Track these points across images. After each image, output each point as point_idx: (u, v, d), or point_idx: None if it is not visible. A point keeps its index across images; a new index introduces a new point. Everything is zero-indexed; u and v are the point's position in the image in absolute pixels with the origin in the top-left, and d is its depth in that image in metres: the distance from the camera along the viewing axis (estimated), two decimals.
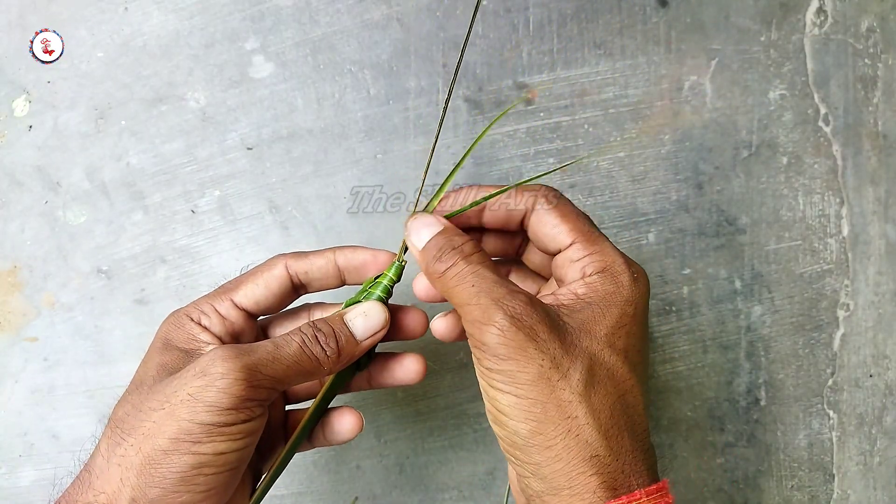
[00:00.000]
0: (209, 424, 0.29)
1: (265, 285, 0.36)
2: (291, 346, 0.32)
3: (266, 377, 0.30)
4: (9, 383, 0.52)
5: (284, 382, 0.32)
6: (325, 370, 0.33)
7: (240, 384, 0.29)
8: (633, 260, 0.34)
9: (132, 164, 0.53)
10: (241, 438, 0.30)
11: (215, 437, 0.29)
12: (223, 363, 0.30)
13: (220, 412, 0.29)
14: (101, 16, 0.52)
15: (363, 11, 0.53)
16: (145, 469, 0.29)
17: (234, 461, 0.30)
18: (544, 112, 0.54)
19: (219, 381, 0.29)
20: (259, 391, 0.30)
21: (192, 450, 0.29)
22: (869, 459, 0.55)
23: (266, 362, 0.31)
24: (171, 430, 0.29)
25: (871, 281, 0.55)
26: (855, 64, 0.55)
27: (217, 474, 0.29)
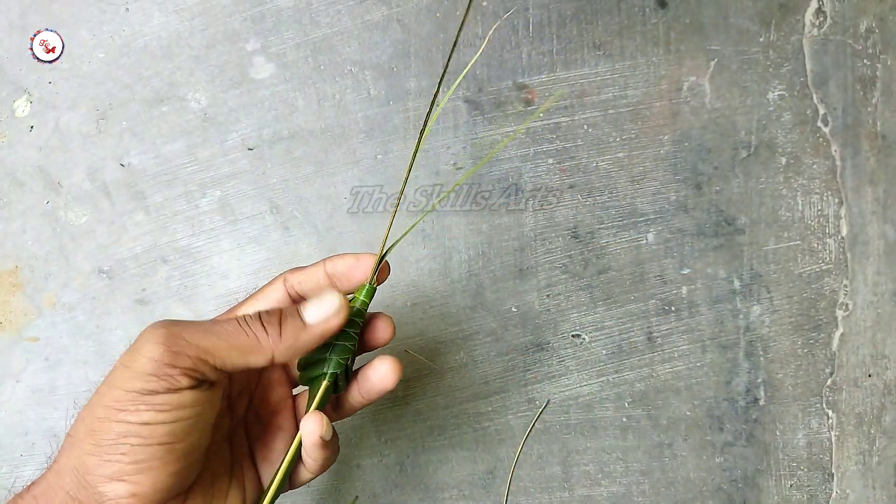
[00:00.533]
0: (134, 392, 0.29)
1: (264, 299, 0.37)
2: (230, 322, 0.32)
3: (191, 345, 0.30)
4: (10, 383, 0.52)
5: (216, 355, 0.31)
6: (265, 348, 0.32)
7: (160, 348, 0.30)
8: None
9: (133, 164, 0.53)
10: (168, 411, 0.29)
11: (139, 406, 0.29)
12: (149, 330, 0.30)
13: (143, 377, 0.29)
14: (101, 16, 0.53)
15: (364, 12, 0.53)
16: (86, 437, 0.30)
17: (163, 435, 0.29)
18: (544, 112, 0.54)
19: (143, 345, 0.30)
20: (182, 358, 0.30)
21: (119, 417, 0.29)
22: (868, 459, 0.55)
23: (195, 332, 0.31)
24: (106, 398, 0.30)
25: (870, 281, 0.55)
26: (854, 64, 0.55)
27: (143, 446, 0.29)
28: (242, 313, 0.35)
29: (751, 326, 0.55)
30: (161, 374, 0.29)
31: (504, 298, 0.54)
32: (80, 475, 0.30)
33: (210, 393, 0.32)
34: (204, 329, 0.31)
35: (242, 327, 0.32)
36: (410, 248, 0.53)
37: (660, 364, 0.54)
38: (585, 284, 0.54)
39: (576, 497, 0.54)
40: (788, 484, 0.55)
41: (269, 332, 0.32)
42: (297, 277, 0.37)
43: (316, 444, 0.34)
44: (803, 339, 0.55)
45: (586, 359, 0.54)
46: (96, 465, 0.29)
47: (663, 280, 0.54)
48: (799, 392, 0.55)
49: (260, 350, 0.32)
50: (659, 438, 0.54)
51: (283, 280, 0.37)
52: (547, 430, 0.54)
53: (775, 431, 0.55)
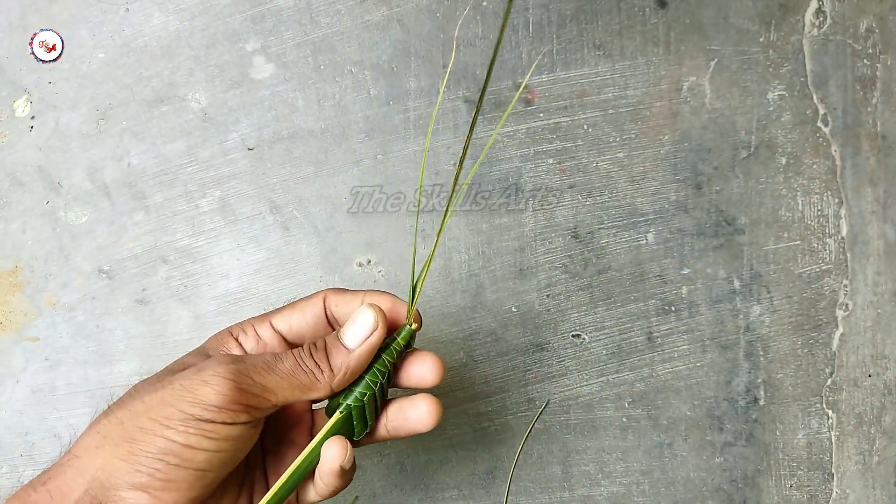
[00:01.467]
0: (189, 415, 0.30)
1: (301, 312, 0.37)
2: (288, 359, 0.33)
3: (256, 384, 0.31)
4: (10, 383, 0.52)
5: (278, 394, 0.32)
6: (322, 384, 0.33)
7: (228, 384, 0.30)
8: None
9: (133, 164, 0.53)
10: (216, 440, 0.30)
11: (190, 429, 0.30)
12: (219, 364, 0.31)
13: (205, 407, 0.30)
14: (101, 16, 0.53)
15: (364, 12, 0.53)
16: (121, 442, 0.30)
17: (202, 462, 0.30)
18: (544, 112, 0.54)
19: (210, 376, 0.30)
20: (247, 396, 0.31)
21: (165, 434, 0.30)
22: (868, 459, 0.55)
23: (259, 370, 0.32)
24: (154, 412, 0.30)
25: (870, 281, 0.55)
26: (854, 64, 0.55)
27: (179, 467, 0.30)
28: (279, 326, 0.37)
29: (751, 326, 0.55)
30: (226, 407, 0.30)
31: (504, 298, 0.54)
32: (106, 476, 0.30)
33: (256, 429, 0.32)
34: (267, 367, 0.32)
35: (300, 365, 0.33)
36: (410, 248, 0.53)
37: (660, 364, 0.54)
38: (585, 284, 0.54)
39: (576, 497, 0.54)
40: (788, 484, 0.55)
41: (322, 368, 0.33)
42: (336, 300, 0.37)
43: (334, 472, 0.34)
44: (803, 339, 0.55)
45: (586, 359, 0.54)
46: (126, 471, 0.29)
47: (663, 280, 0.54)
48: (799, 392, 0.55)
49: (318, 387, 0.33)
50: (659, 438, 0.54)
51: (322, 299, 0.37)
52: (547, 430, 0.54)
53: (775, 431, 0.55)
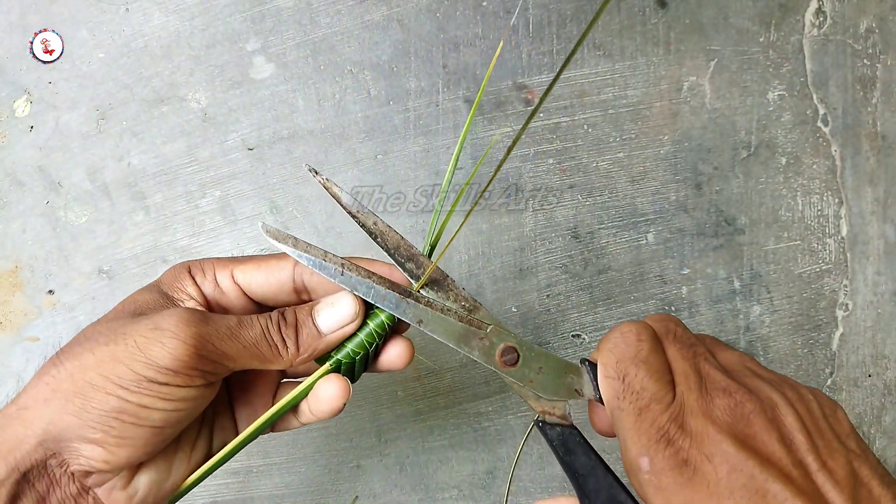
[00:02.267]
0: (143, 377, 0.29)
1: (266, 273, 0.35)
2: (254, 329, 0.31)
3: (217, 351, 0.30)
4: (10, 383, 0.52)
5: (237, 362, 0.31)
6: (284, 360, 0.32)
7: (187, 349, 0.29)
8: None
9: (133, 164, 0.53)
10: (171, 401, 0.29)
11: (144, 391, 0.29)
12: (178, 324, 0.30)
13: (159, 370, 0.29)
14: (101, 16, 0.53)
15: (364, 12, 0.53)
16: (72, 397, 0.29)
17: (158, 420, 0.29)
18: (544, 112, 0.54)
19: (168, 339, 0.29)
20: (205, 362, 0.30)
21: (119, 393, 0.29)
22: None
23: (223, 336, 0.30)
24: (106, 368, 0.29)
25: (870, 281, 0.55)
26: (854, 65, 0.55)
27: (135, 425, 0.29)
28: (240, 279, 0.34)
29: (751, 326, 0.55)
30: (181, 372, 0.29)
31: (504, 298, 0.54)
32: (58, 430, 0.29)
33: (213, 388, 0.31)
34: (231, 332, 0.31)
35: (266, 337, 0.32)
36: None
37: None
38: (585, 284, 0.54)
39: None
40: None
41: (287, 344, 0.32)
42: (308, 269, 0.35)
43: (333, 410, 0.34)
44: (803, 338, 0.55)
45: None
46: (78, 426, 0.29)
47: (663, 280, 0.54)
48: None
49: (279, 361, 0.32)
50: None
51: (294, 263, 0.35)
52: None
53: None
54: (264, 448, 0.53)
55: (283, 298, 0.36)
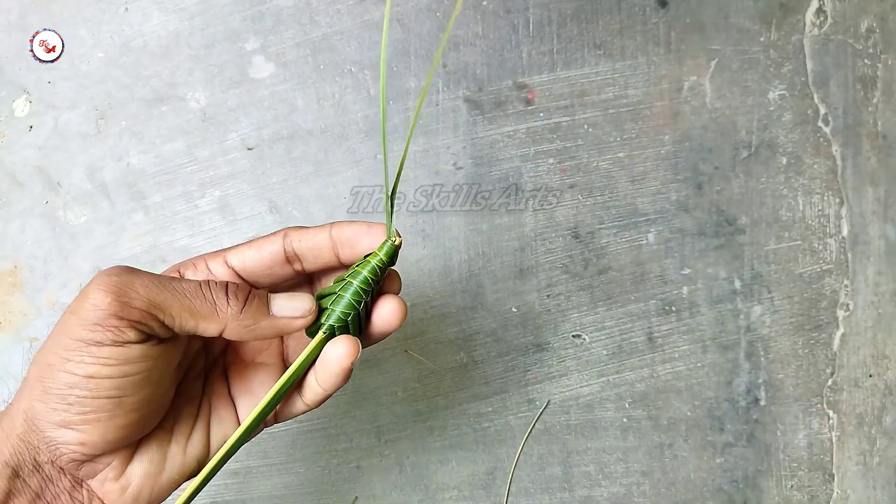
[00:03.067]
0: (80, 341, 0.28)
1: (257, 249, 0.35)
2: (192, 283, 0.31)
3: (142, 297, 0.29)
4: (10, 383, 0.52)
5: (167, 313, 0.29)
6: (219, 319, 0.30)
7: (107, 296, 0.28)
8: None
9: (133, 164, 0.53)
10: (114, 365, 0.28)
11: (84, 357, 0.28)
12: (100, 276, 0.29)
13: (88, 326, 0.28)
14: (101, 16, 0.52)
15: (363, 12, 0.53)
16: (35, 383, 0.29)
17: (109, 388, 0.29)
18: (544, 112, 0.54)
19: (91, 292, 0.29)
20: (131, 310, 0.28)
21: (66, 367, 0.28)
22: (868, 459, 0.55)
23: (149, 284, 0.29)
24: (55, 344, 0.29)
25: (871, 281, 0.55)
26: (854, 64, 0.55)
27: (90, 398, 0.28)
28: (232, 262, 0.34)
29: (751, 326, 0.55)
30: (106, 324, 0.28)
31: (504, 298, 0.54)
32: (30, 419, 0.29)
33: (162, 348, 0.30)
34: (160, 283, 0.30)
35: (203, 290, 0.31)
36: (410, 248, 0.53)
37: (660, 364, 0.54)
38: (586, 284, 0.54)
39: (576, 498, 0.54)
40: (789, 484, 0.55)
41: (230, 303, 0.31)
42: (298, 235, 0.35)
43: (343, 371, 0.33)
44: (804, 339, 0.55)
45: (587, 359, 0.54)
46: (45, 411, 0.29)
47: (664, 280, 0.54)
48: (800, 392, 0.55)
49: (213, 319, 0.31)
50: (659, 439, 0.54)
51: (283, 234, 0.35)
52: (547, 430, 0.54)
53: (776, 432, 0.55)
54: (263, 449, 0.53)
55: (279, 272, 0.35)
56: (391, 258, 0.34)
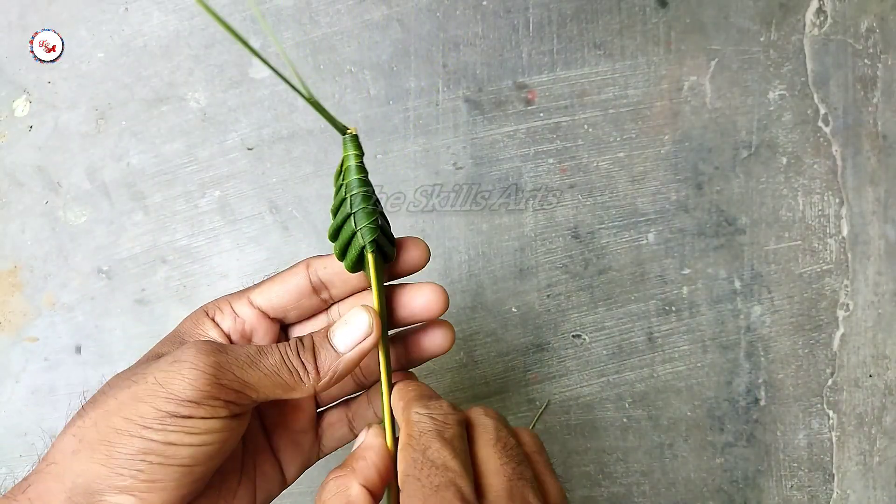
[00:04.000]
0: (165, 412, 0.28)
1: (282, 283, 0.35)
2: (273, 355, 0.31)
3: (237, 379, 0.30)
4: (9, 383, 0.52)
5: (259, 391, 0.30)
6: (306, 385, 0.31)
7: (206, 378, 0.29)
8: None
9: (133, 164, 0.53)
10: (197, 434, 0.29)
11: (168, 426, 0.28)
12: (196, 355, 0.29)
13: (181, 403, 0.28)
14: (101, 16, 0.52)
15: (363, 12, 0.53)
16: (97, 445, 0.28)
17: (186, 458, 0.29)
18: (544, 112, 0.54)
19: (186, 370, 0.29)
20: (226, 391, 0.29)
21: (143, 434, 0.28)
22: (868, 459, 0.55)
23: (241, 364, 0.30)
24: (128, 410, 0.28)
25: (871, 281, 0.55)
26: (854, 64, 0.55)
27: (163, 465, 0.28)
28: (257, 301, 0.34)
29: (751, 327, 0.55)
30: (203, 402, 0.28)
31: (504, 299, 0.54)
32: (87, 482, 0.28)
33: (240, 420, 0.31)
34: (250, 360, 0.30)
35: (286, 363, 0.31)
36: None
37: (660, 364, 0.54)
38: (586, 284, 0.54)
39: (576, 498, 0.54)
40: (789, 484, 0.55)
41: (308, 369, 0.31)
42: (322, 262, 0.35)
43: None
44: (804, 339, 0.55)
45: (587, 359, 0.54)
46: (106, 475, 0.28)
47: (664, 280, 0.54)
48: (800, 392, 0.55)
49: (301, 388, 0.31)
50: (659, 439, 0.54)
51: (305, 266, 0.35)
52: (547, 430, 0.54)
53: (776, 432, 0.55)
54: None
55: (306, 304, 0.36)
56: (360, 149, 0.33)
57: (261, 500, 0.34)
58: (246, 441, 0.35)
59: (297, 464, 0.36)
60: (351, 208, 0.32)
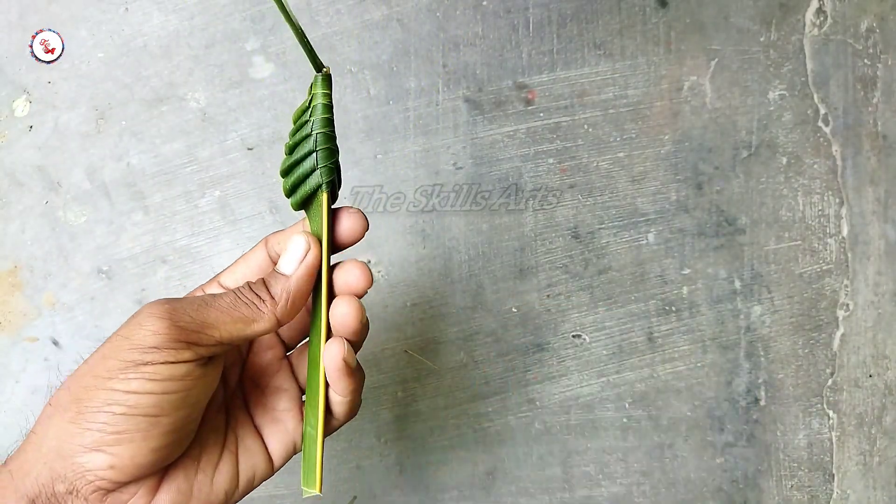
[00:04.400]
0: (129, 361, 0.29)
1: (245, 262, 0.37)
2: (227, 295, 0.32)
3: (195, 319, 0.30)
4: (9, 383, 0.52)
5: (219, 328, 0.31)
6: (266, 315, 0.32)
7: (163, 322, 0.29)
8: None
9: (133, 164, 0.53)
10: (159, 381, 0.29)
11: (129, 374, 0.29)
12: (152, 305, 0.30)
13: (144, 350, 0.29)
14: (101, 16, 0.52)
15: (363, 12, 0.53)
16: (69, 405, 0.29)
17: (148, 406, 0.29)
18: (544, 112, 0.54)
19: (144, 319, 0.30)
20: (185, 332, 0.30)
21: (107, 385, 0.29)
22: (868, 459, 0.55)
23: (197, 306, 0.31)
24: (97, 368, 0.29)
25: (871, 281, 0.55)
26: (854, 64, 0.55)
27: (127, 416, 0.28)
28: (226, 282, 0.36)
29: (751, 326, 0.55)
30: (164, 346, 0.29)
31: (504, 298, 0.54)
32: (60, 444, 0.29)
33: (205, 370, 0.31)
34: (205, 303, 0.31)
35: (241, 297, 0.32)
36: (410, 248, 0.53)
37: (660, 364, 0.54)
38: (586, 285, 0.54)
39: (576, 498, 0.54)
40: (789, 484, 0.55)
41: (262, 297, 0.32)
42: (276, 238, 0.36)
43: (340, 370, 0.34)
44: (804, 339, 0.55)
45: (587, 359, 0.54)
46: (76, 433, 0.28)
47: (664, 280, 0.54)
48: (800, 392, 0.55)
49: (261, 317, 0.32)
50: (659, 439, 0.54)
51: (264, 242, 0.37)
52: (547, 430, 0.54)
53: (776, 432, 0.55)
54: None
55: None
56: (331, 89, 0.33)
57: (245, 477, 0.35)
58: (228, 417, 0.36)
59: (280, 442, 0.36)
60: (315, 146, 0.33)
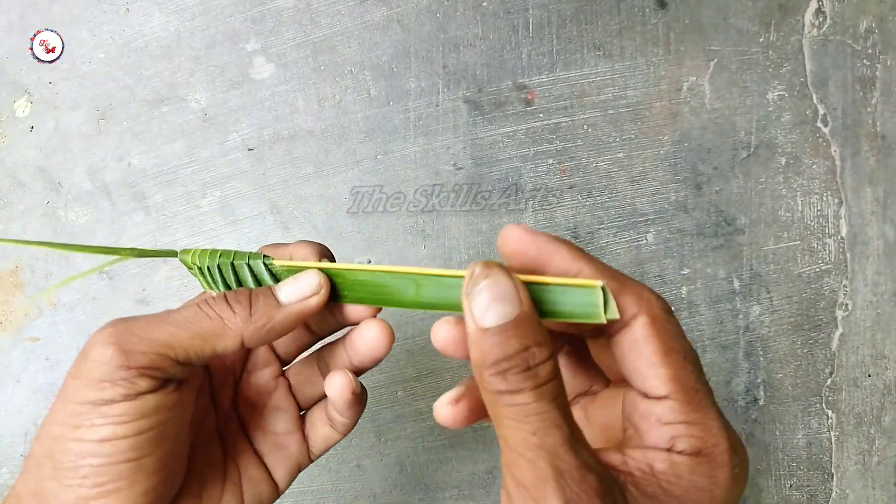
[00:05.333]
0: (87, 403, 0.26)
1: None
2: (188, 309, 0.28)
3: (145, 340, 0.26)
4: (10, 383, 0.52)
5: (175, 347, 0.27)
6: (232, 330, 0.28)
7: (108, 349, 0.26)
8: (738, 440, 0.25)
9: (134, 164, 0.53)
10: (129, 422, 0.26)
11: (94, 420, 0.25)
12: (97, 334, 0.27)
13: (96, 386, 0.26)
14: (102, 17, 0.53)
15: (364, 13, 0.53)
16: (44, 460, 0.26)
17: (127, 451, 0.26)
18: (544, 113, 0.54)
19: (90, 349, 0.26)
20: (135, 356, 0.26)
21: (75, 435, 0.26)
22: (867, 459, 0.55)
23: (148, 325, 0.27)
24: (59, 414, 0.26)
25: (870, 281, 0.55)
26: (853, 65, 0.55)
27: (106, 465, 0.26)
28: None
29: (750, 326, 0.55)
30: (115, 378, 0.26)
31: None
32: (42, 502, 0.26)
33: (177, 395, 0.28)
34: (158, 320, 0.28)
35: (204, 310, 0.28)
36: (410, 248, 0.53)
37: None
38: None
39: None
40: (788, 484, 0.55)
41: (236, 311, 0.28)
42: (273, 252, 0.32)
43: (347, 402, 0.31)
44: (803, 339, 0.55)
45: None
46: (57, 490, 0.26)
47: (663, 280, 0.54)
48: (798, 392, 0.55)
49: (226, 333, 0.28)
50: None
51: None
52: None
53: (775, 431, 0.55)
54: None
55: None
56: (189, 266, 0.31)
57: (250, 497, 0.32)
58: (226, 444, 0.33)
59: (285, 468, 0.34)
60: (237, 259, 0.31)
